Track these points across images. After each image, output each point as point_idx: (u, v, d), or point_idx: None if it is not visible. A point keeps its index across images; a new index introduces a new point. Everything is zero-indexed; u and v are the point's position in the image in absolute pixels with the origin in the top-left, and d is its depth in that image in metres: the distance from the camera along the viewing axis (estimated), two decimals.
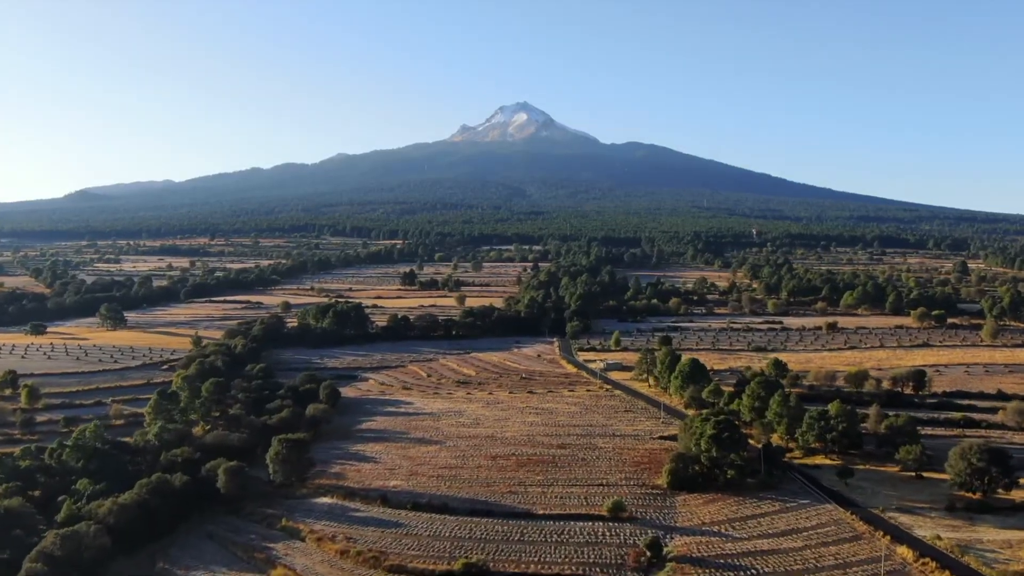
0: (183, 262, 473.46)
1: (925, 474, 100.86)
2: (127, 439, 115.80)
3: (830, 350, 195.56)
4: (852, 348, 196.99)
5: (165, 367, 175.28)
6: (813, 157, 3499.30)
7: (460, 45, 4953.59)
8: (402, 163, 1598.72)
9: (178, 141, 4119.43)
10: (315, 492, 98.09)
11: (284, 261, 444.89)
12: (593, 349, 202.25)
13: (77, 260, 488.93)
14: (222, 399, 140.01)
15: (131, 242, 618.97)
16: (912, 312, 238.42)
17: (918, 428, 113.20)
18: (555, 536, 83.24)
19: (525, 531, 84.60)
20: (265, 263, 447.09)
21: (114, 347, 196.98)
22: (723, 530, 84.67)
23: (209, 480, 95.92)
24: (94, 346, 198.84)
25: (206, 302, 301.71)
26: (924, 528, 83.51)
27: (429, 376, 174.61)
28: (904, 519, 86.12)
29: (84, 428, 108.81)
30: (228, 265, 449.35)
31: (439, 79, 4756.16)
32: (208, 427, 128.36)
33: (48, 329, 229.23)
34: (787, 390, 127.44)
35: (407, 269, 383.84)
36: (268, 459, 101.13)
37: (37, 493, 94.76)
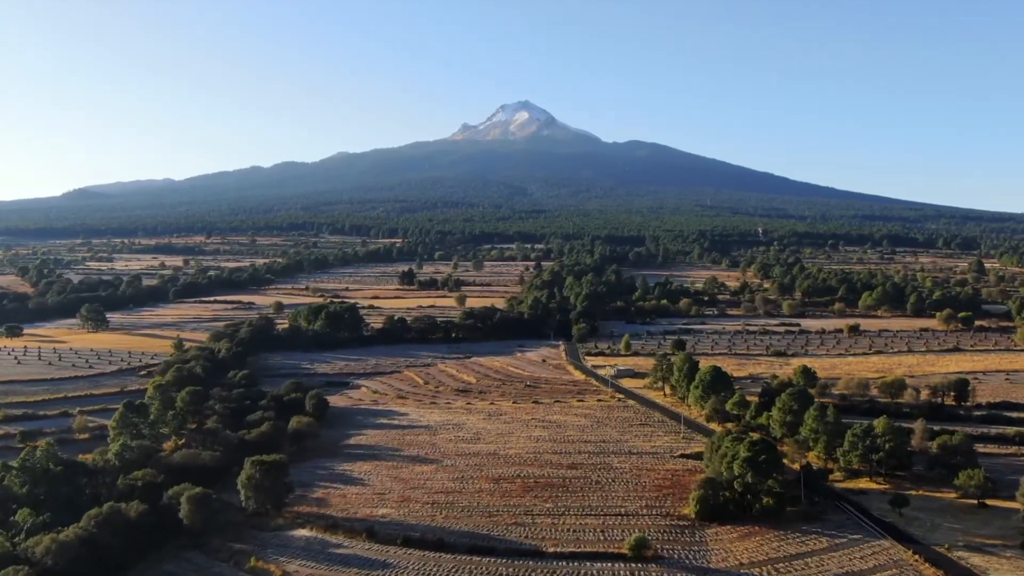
0: (177, 261, 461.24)
1: (988, 502, 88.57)
2: (88, 456, 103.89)
3: (854, 355, 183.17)
4: (878, 353, 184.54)
5: (143, 373, 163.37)
6: (815, 156, 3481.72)
7: (460, 45, 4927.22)
8: (402, 162, 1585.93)
9: (178, 140, 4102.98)
10: (293, 523, 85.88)
11: (279, 260, 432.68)
12: (602, 353, 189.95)
13: (69, 259, 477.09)
14: (199, 410, 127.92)
15: (126, 240, 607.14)
16: (938, 314, 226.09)
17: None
18: None
19: (533, 574, 72.39)
20: (260, 262, 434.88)
21: (91, 351, 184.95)
22: (766, 573, 72.42)
23: (171, 509, 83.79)
24: (70, 349, 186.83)
25: (196, 302, 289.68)
26: (1001, 571, 71.31)
27: (426, 383, 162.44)
28: (976, 560, 73.83)
29: (34, 446, 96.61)
30: (223, 264, 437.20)
31: (439, 78, 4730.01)
32: (181, 442, 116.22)
33: (26, 331, 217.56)
34: (819, 401, 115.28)
35: (406, 268, 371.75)
36: (240, 484, 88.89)
37: None
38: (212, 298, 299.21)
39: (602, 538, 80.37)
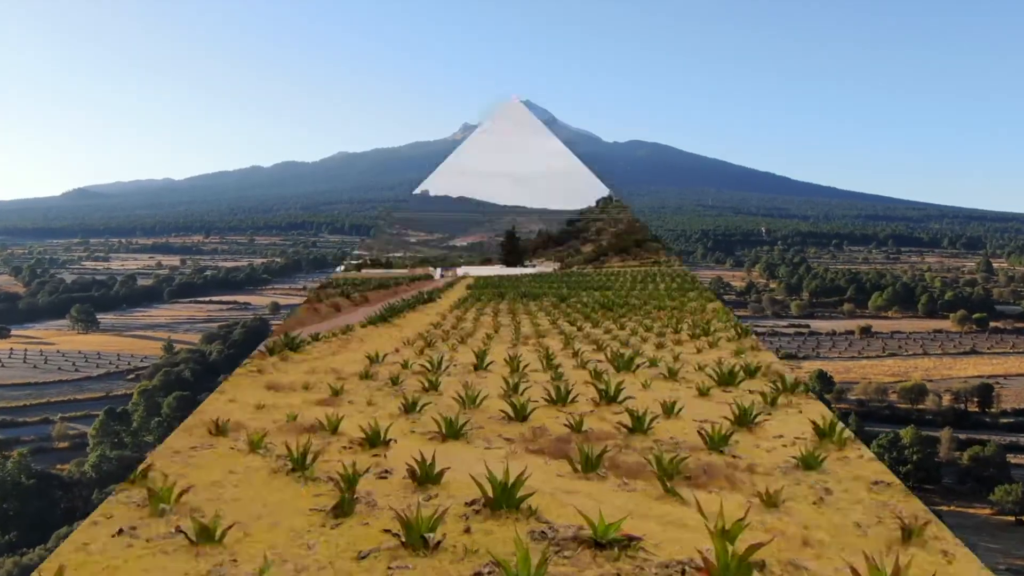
0: (174, 260, 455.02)
1: None
2: (64, 467, 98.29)
3: (868, 358, 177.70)
4: (892, 355, 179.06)
5: (131, 376, 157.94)
6: (816, 156, 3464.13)
7: (460, 45, 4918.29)
8: (403, 161, 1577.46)
9: (178, 140, 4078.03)
10: None
11: (277, 259, 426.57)
12: None
13: (65, 258, 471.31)
14: (186, 416, 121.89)
15: (123, 240, 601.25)
16: (951, 315, 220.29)
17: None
18: None
19: None
20: (258, 262, 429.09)
21: (79, 353, 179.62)
22: None
23: None
24: (57, 352, 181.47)
25: (191, 303, 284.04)
26: None
27: None
28: None
29: (6, 456, 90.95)
30: (220, 263, 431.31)
31: (440, 78, 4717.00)
32: None
33: (14, 332, 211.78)
34: (838, 407, 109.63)
35: None
36: None
37: None
38: (207, 298, 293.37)
39: None
